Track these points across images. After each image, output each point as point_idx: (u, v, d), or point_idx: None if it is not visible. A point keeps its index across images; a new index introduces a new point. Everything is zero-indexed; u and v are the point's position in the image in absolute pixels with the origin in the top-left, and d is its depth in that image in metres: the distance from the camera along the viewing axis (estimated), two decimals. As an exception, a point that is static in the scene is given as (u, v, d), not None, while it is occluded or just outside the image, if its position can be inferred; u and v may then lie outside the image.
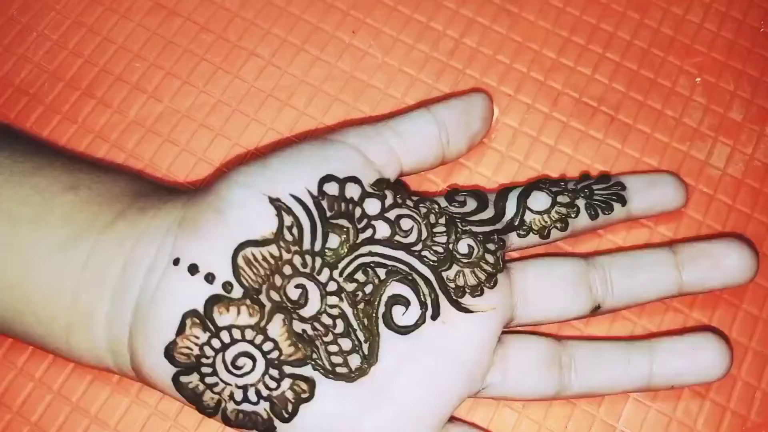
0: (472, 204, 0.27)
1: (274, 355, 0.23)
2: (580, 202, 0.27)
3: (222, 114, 0.31)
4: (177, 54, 0.32)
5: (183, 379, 0.23)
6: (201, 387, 0.23)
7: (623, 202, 0.28)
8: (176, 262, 0.23)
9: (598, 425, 0.27)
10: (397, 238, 0.25)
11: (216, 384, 0.23)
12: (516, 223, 0.27)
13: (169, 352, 0.22)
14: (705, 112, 0.32)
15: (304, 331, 0.23)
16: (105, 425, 0.27)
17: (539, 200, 0.27)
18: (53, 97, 0.31)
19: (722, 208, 0.30)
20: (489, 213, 0.27)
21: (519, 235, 0.27)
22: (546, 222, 0.27)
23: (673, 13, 0.34)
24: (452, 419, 0.25)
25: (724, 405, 0.28)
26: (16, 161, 0.25)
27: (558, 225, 0.27)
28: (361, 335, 0.24)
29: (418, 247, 0.25)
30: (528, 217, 0.27)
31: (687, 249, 0.27)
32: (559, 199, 0.27)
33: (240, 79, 0.32)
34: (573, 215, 0.27)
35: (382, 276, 0.24)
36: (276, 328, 0.23)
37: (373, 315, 0.24)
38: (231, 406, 0.23)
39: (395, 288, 0.24)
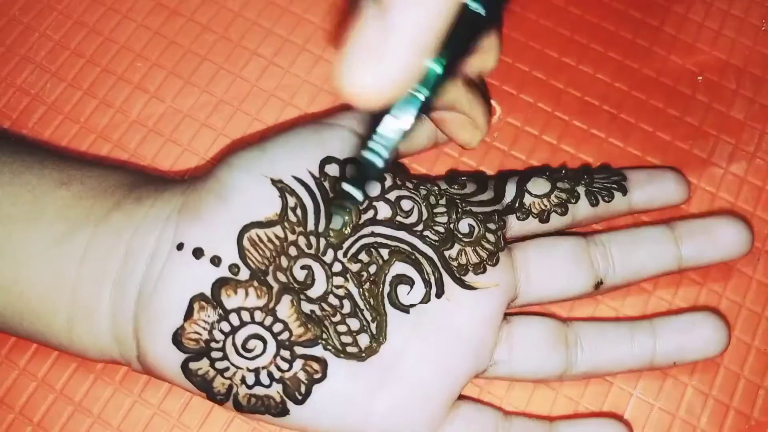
0: (471, 186, 0.27)
1: (285, 336, 0.23)
2: (581, 189, 0.28)
3: (224, 114, 0.31)
4: (179, 54, 0.32)
5: (192, 365, 0.23)
6: (211, 373, 0.23)
7: (624, 191, 0.28)
8: (180, 247, 0.23)
9: (602, 424, 0.27)
10: (398, 218, 0.25)
11: (227, 368, 0.23)
12: (516, 206, 0.27)
13: (177, 338, 0.22)
14: (707, 110, 0.32)
15: (312, 311, 0.23)
16: (108, 425, 0.27)
17: (539, 185, 0.27)
18: (55, 98, 0.31)
19: (724, 206, 0.30)
20: (489, 195, 0.27)
21: (518, 218, 0.27)
22: (545, 205, 0.27)
23: (675, 12, 0.34)
24: (461, 398, 0.25)
25: (726, 403, 0.27)
26: (5, 162, 0.25)
27: (558, 209, 0.27)
28: (368, 315, 0.24)
29: (420, 227, 0.25)
30: (527, 200, 0.27)
31: (684, 225, 0.28)
32: (559, 185, 0.28)
33: (242, 78, 0.32)
34: (573, 201, 0.27)
35: (386, 256, 0.24)
36: (285, 309, 0.23)
37: (379, 294, 0.24)
38: (243, 390, 0.23)
39: (399, 268, 0.24)
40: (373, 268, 0.24)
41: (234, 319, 0.23)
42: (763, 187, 0.31)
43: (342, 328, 0.23)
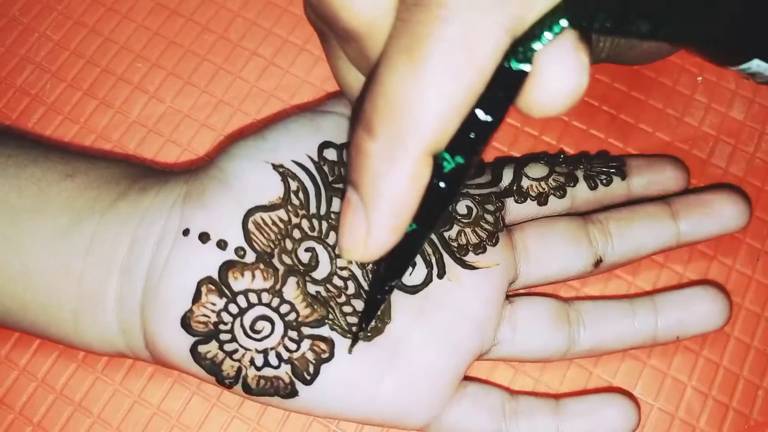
0: None
1: (292, 317, 0.23)
2: (579, 173, 0.28)
3: (224, 114, 0.31)
4: (179, 54, 0.32)
5: (201, 348, 0.23)
6: (220, 355, 0.23)
7: (622, 175, 0.28)
8: (186, 232, 0.23)
9: (601, 424, 0.27)
10: None
11: (236, 350, 0.23)
12: (513, 188, 0.27)
13: (186, 321, 0.23)
14: (706, 111, 0.32)
15: (318, 293, 0.24)
16: (107, 425, 0.27)
17: (536, 169, 0.28)
18: (55, 98, 0.31)
19: (724, 207, 0.30)
20: (486, 178, 0.27)
21: (516, 201, 0.27)
22: (543, 188, 0.27)
23: (674, 13, 0.34)
24: (468, 379, 0.26)
25: (726, 404, 0.28)
26: (9, 155, 0.25)
27: (556, 192, 0.27)
28: None
29: None
30: (525, 183, 0.27)
31: (681, 200, 0.28)
32: (557, 169, 0.28)
33: (242, 79, 0.32)
34: (571, 184, 0.27)
35: None
36: (291, 290, 0.23)
37: None
38: (252, 372, 0.23)
39: None
40: None
41: (242, 301, 0.23)
42: (763, 188, 0.31)
43: (347, 308, 0.24)
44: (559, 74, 0.16)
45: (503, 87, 0.16)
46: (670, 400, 0.28)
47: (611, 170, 0.28)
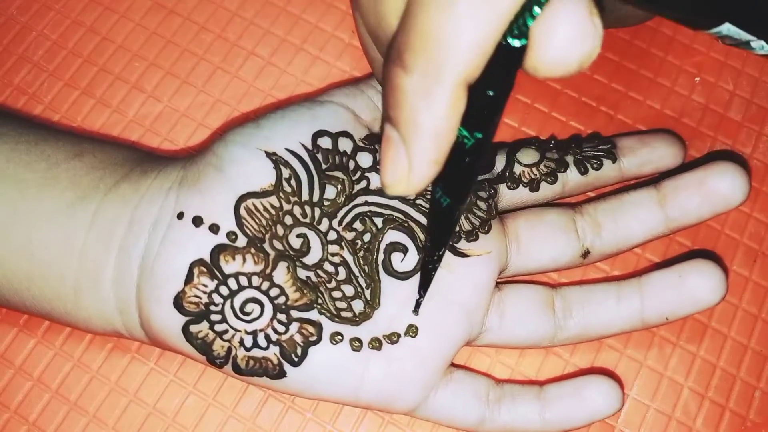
0: None
1: (281, 300, 0.24)
2: (569, 158, 0.28)
3: (221, 113, 0.31)
4: (176, 53, 0.32)
5: (193, 328, 0.23)
6: (211, 335, 0.23)
7: (613, 158, 0.28)
8: (180, 216, 0.24)
9: (597, 424, 0.27)
10: None
11: (226, 331, 0.23)
12: (506, 175, 0.27)
13: (179, 302, 0.23)
14: (704, 111, 0.32)
15: (308, 278, 0.24)
16: (103, 424, 0.27)
17: (528, 154, 0.28)
18: (52, 97, 0.31)
19: (721, 208, 0.30)
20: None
21: (509, 187, 0.27)
22: (535, 174, 0.27)
23: (672, 13, 0.34)
24: (453, 365, 0.26)
25: (723, 404, 0.27)
26: (22, 133, 0.26)
27: (548, 179, 0.27)
28: (362, 281, 0.25)
29: (412, 195, 0.26)
30: (517, 169, 0.27)
31: (670, 183, 0.27)
32: (548, 154, 0.28)
33: (239, 78, 0.32)
34: (562, 169, 0.27)
35: (379, 224, 0.25)
36: (281, 275, 0.24)
37: (373, 262, 0.25)
38: (241, 352, 0.23)
39: (392, 236, 0.25)
40: (367, 237, 0.25)
41: (232, 283, 0.23)
42: (760, 189, 0.31)
43: (337, 294, 0.24)
44: (570, 32, 0.16)
45: (503, 63, 0.17)
46: (666, 401, 0.28)
47: (602, 154, 0.28)
